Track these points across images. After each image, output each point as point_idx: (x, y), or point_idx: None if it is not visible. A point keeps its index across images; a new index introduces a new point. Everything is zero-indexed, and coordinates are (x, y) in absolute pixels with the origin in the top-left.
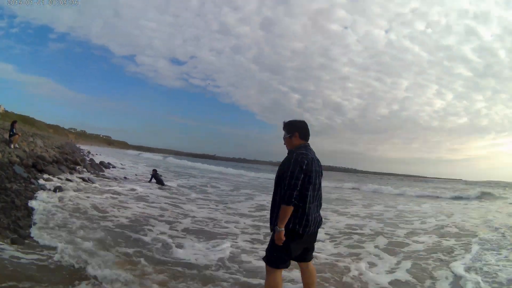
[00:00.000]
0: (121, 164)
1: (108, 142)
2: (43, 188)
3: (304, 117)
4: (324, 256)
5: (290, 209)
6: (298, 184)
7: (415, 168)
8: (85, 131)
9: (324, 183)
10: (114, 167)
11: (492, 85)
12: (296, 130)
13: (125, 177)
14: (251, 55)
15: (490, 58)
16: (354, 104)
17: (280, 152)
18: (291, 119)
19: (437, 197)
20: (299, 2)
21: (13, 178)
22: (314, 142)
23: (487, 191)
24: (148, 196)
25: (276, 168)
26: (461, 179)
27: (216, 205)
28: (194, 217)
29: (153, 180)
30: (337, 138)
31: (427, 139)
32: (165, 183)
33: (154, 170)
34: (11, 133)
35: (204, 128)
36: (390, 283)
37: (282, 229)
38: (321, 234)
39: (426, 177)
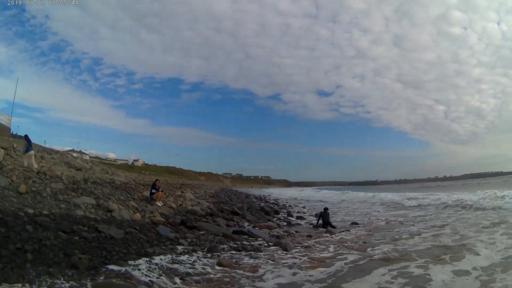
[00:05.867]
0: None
1: (267, 182)
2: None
3: (451, 128)
4: None
5: None
6: None
7: None
8: (241, 174)
9: None
10: (282, 209)
11: None
12: None
13: (288, 222)
14: (392, 75)
15: None
16: (491, 106)
17: (435, 166)
18: None
19: None
20: (418, 11)
21: (156, 240)
22: (462, 151)
23: None
24: None
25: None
26: None
27: None
28: None
29: (320, 222)
30: (481, 143)
31: None
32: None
33: (326, 209)
34: (153, 191)
35: (361, 155)
36: None
37: None
38: None
39: None
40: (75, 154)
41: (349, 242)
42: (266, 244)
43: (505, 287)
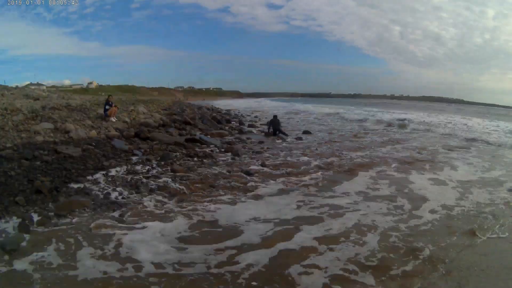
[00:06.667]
0: (239, 113)
1: (219, 94)
2: None
3: (409, 49)
4: None
5: None
6: None
7: None
8: (193, 87)
9: None
10: (233, 118)
11: None
12: None
13: (240, 130)
14: None
15: None
16: (451, 34)
17: (391, 85)
18: None
19: None
20: None
21: (111, 153)
22: (419, 73)
23: None
24: None
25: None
26: None
27: None
28: None
29: (271, 129)
30: (441, 68)
31: None
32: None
33: (275, 116)
34: (106, 107)
35: (314, 68)
36: None
37: None
38: None
39: None
40: (33, 87)
41: (305, 149)
42: (217, 151)
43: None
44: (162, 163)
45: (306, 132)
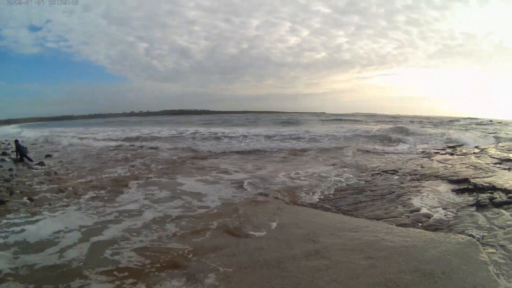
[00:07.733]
0: None
1: None
2: None
3: (152, 65)
4: None
5: None
6: None
7: (272, 104)
8: None
9: None
10: None
11: (355, 21)
12: None
13: None
14: (100, 11)
15: None
16: (201, 47)
17: (133, 101)
18: None
19: None
20: None
21: None
22: (163, 88)
23: None
24: None
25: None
26: (324, 112)
27: None
28: None
29: (19, 156)
30: (185, 81)
31: (281, 75)
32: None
33: (16, 141)
34: None
35: (62, 90)
36: None
37: None
38: None
39: (284, 112)
40: None
41: (51, 174)
42: None
43: None
44: None
45: (48, 156)
